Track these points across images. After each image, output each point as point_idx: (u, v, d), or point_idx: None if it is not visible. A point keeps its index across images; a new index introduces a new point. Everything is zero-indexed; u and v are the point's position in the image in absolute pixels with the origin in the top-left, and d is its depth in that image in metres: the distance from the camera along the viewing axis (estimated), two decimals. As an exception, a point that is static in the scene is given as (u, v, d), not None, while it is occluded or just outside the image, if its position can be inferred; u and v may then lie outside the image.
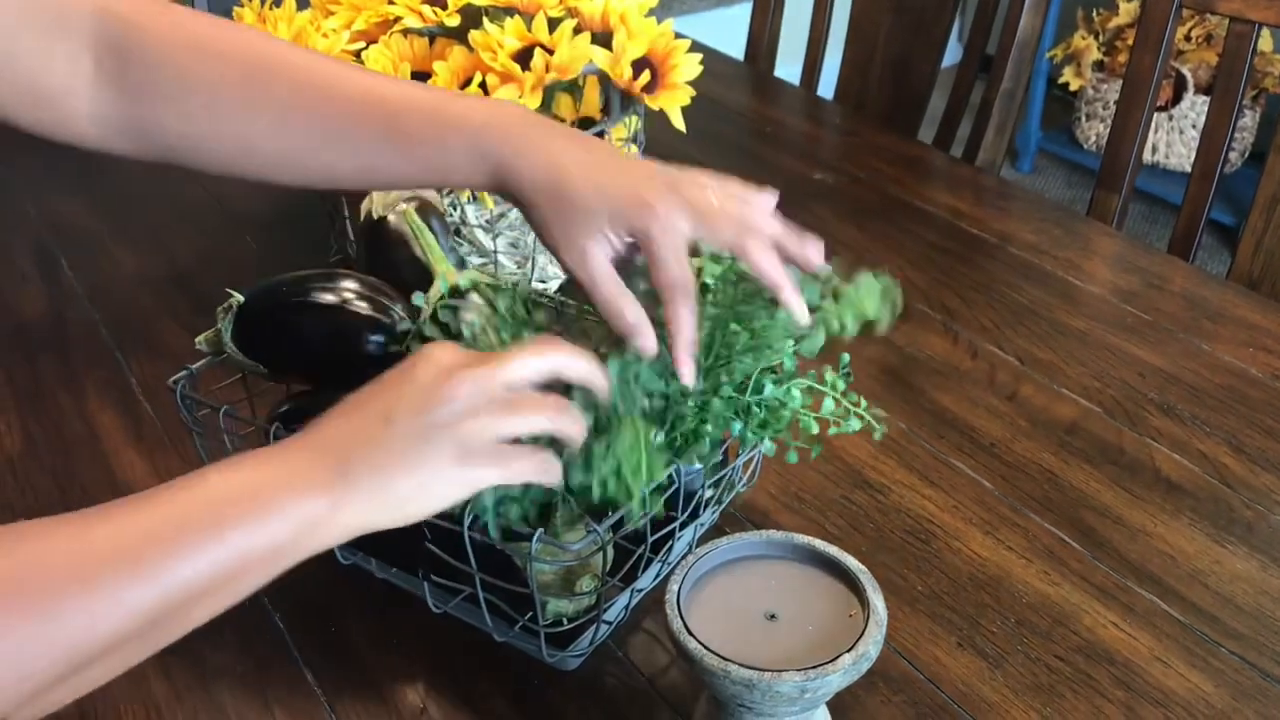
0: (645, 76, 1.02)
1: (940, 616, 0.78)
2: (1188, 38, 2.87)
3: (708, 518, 0.82)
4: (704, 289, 0.68)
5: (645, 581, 0.77)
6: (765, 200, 0.68)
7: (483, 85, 0.99)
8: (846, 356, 0.72)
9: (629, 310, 0.64)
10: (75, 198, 1.34)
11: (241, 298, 0.78)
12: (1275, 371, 1.01)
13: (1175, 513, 0.86)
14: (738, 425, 0.70)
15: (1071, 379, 1.01)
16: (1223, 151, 1.28)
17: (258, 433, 0.78)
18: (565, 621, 0.72)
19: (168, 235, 1.26)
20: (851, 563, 0.65)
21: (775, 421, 0.70)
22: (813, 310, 0.66)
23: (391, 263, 0.82)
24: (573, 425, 0.60)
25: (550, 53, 1.00)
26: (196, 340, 0.81)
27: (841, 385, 0.71)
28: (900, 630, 0.76)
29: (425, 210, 0.84)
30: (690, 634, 0.60)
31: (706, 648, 0.60)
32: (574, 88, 1.09)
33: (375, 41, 1.05)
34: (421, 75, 1.03)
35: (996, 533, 0.84)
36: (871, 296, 0.68)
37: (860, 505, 0.87)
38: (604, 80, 1.06)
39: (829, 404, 0.70)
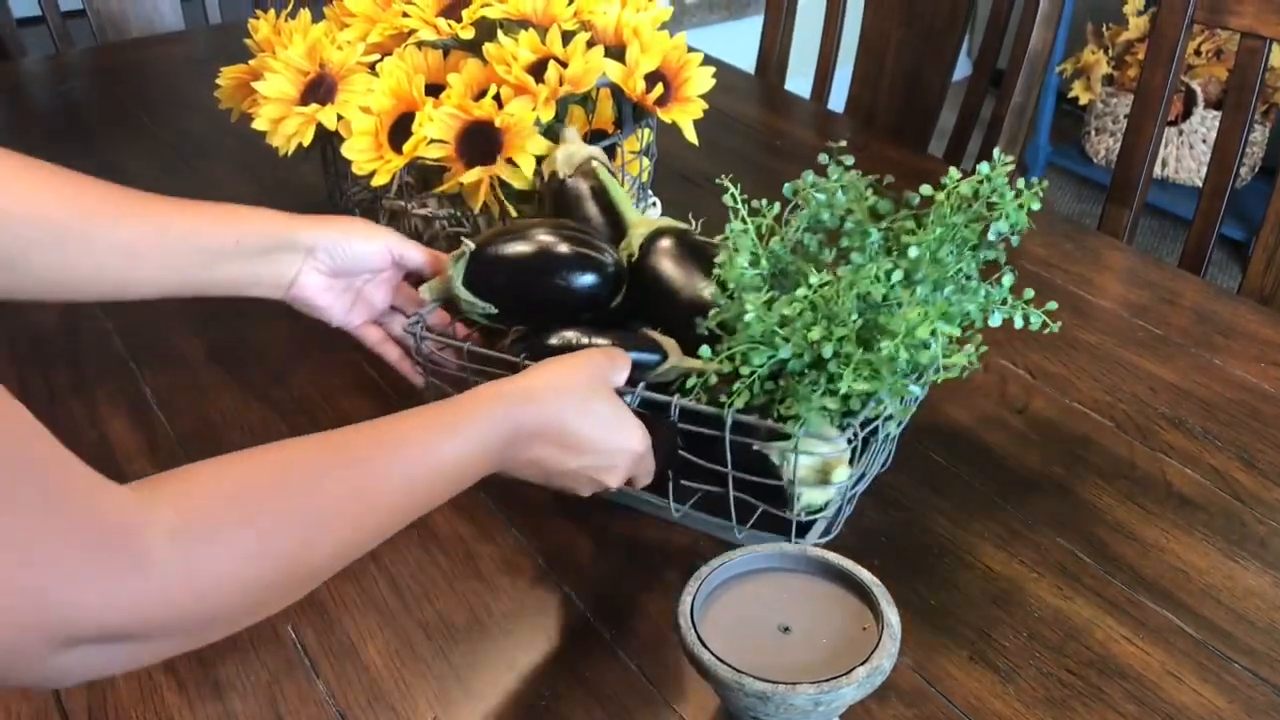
0: (658, 89, 1.03)
1: (952, 630, 0.78)
2: (1197, 52, 2.87)
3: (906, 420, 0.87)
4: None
5: (873, 470, 0.85)
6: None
7: (497, 98, 0.99)
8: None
9: None
10: (89, 207, 1.34)
11: (473, 245, 0.85)
12: (1287, 387, 1.01)
13: (1188, 528, 0.86)
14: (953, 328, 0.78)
15: (1083, 393, 1.01)
16: (1234, 167, 1.28)
17: (478, 374, 0.83)
18: (810, 513, 0.79)
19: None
20: (865, 576, 0.65)
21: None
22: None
23: (573, 218, 0.91)
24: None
25: (564, 65, 1.00)
26: (422, 289, 0.88)
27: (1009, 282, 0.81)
28: (912, 643, 0.76)
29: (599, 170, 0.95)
30: (704, 646, 0.61)
31: (720, 660, 0.60)
32: (587, 100, 1.10)
33: (390, 54, 1.05)
34: (435, 87, 1.03)
35: (1008, 546, 0.84)
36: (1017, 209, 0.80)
37: (872, 518, 0.87)
38: (617, 93, 1.07)
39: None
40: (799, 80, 1.76)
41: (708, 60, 1.10)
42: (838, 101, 1.73)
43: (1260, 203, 1.29)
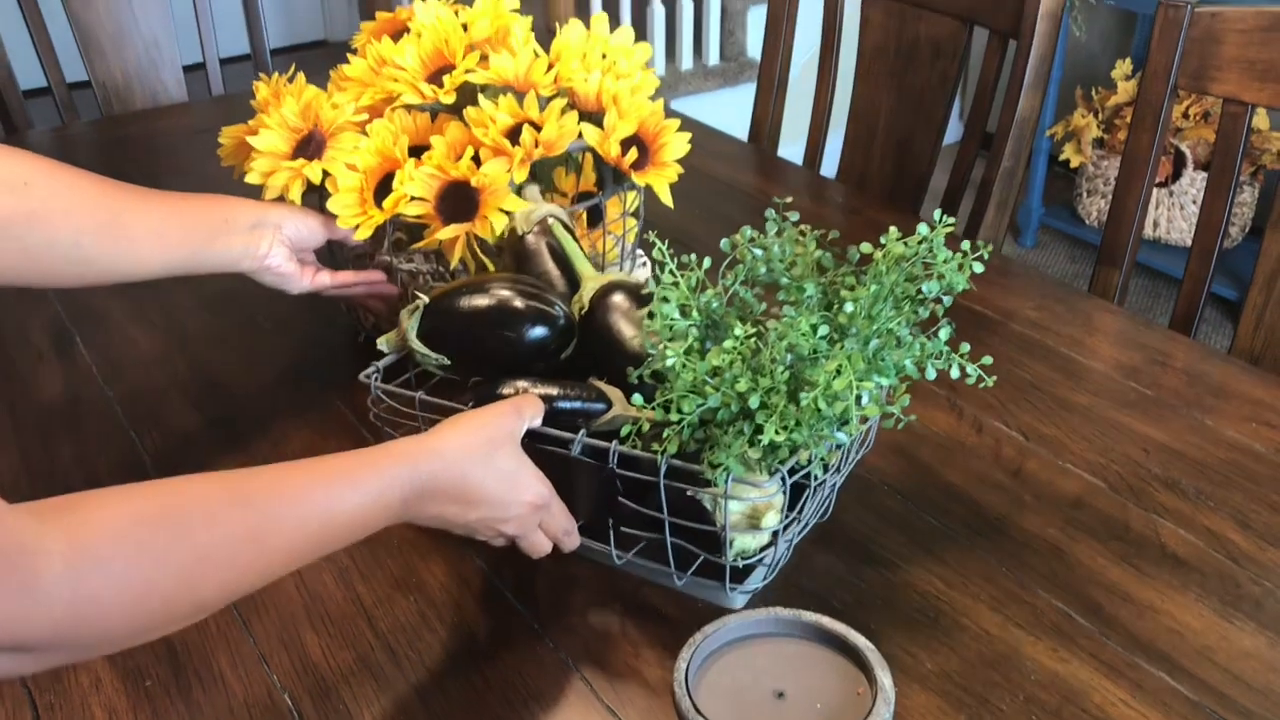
0: (633, 154, 1.05)
1: (949, 694, 0.77)
2: (1185, 115, 2.91)
3: (846, 470, 0.90)
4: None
5: (811, 518, 0.88)
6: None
7: (476, 158, 1.02)
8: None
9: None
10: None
11: (426, 299, 0.89)
12: (1279, 446, 1.02)
13: (1183, 589, 0.86)
14: (885, 380, 0.80)
15: (1076, 454, 1.01)
16: (1220, 230, 1.30)
17: (427, 423, 0.85)
18: (743, 559, 0.81)
19: (181, 314, 1.27)
20: (859, 640, 0.65)
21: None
22: None
23: (529, 274, 0.96)
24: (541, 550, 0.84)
25: (539, 129, 1.03)
26: (379, 341, 0.91)
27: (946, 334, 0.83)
28: (909, 708, 0.76)
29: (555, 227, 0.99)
30: (699, 712, 0.61)
31: (715, 726, 0.60)
32: (569, 161, 1.12)
33: (380, 115, 1.08)
34: (419, 148, 1.06)
35: (1004, 609, 0.85)
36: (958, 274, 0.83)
37: (867, 581, 0.87)
38: (597, 157, 1.09)
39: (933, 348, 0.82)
40: (792, 147, 1.78)
41: (699, 127, 1.12)
42: (829, 168, 1.75)
43: (1251, 262, 1.30)
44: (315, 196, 1.07)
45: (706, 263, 0.86)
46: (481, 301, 0.89)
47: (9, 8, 1.86)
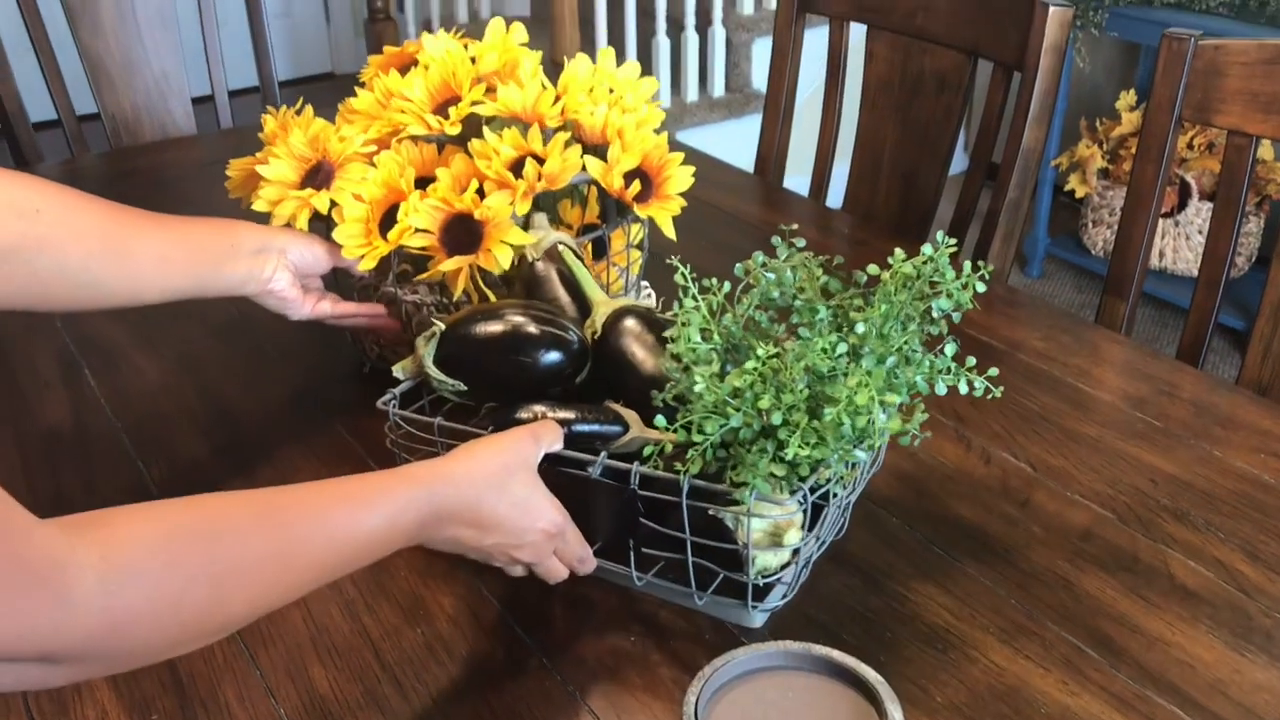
0: (636, 186, 1.06)
1: (958, 727, 0.77)
2: (1190, 145, 2.92)
3: (860, 487, 0.90)
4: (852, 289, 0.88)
5: (829, 535, 0.89)
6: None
7: (480, 191, 1.03)
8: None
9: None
10: (99, 308, 1.36)
11: (443, 326, 0.90)
12: (1288, 477, 1.01)
13: (1193, 620, 0.86)
14: (898, 396, 0.81)
15: (1084, 485, 1.01)
16: (1226, 261, 1.30)
17: (445, 449, 0.86)
18: (764, 576, 0.82)
19: (188, 343, 1.28)
20: (869, 673, 0.65)
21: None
22: None
23: (540, 300, 0.97)
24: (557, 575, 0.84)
25: (542, 162, 1.04)
26: (394, 368, 0.92)
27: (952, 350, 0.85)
28: (918, 742, 0.76)
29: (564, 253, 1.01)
30: (707, 746, 0.60)
31: (724, 760, 0.59)
32: (575, 195, 1.13)
33: (388, 147, 1.09)
34: (426, 180, 1.06)
35: (1014, 641, 0.84)
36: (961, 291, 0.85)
37: (876, 613, 0.87)
38: (602, 189, 1.10)
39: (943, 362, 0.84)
40: (797, 179, 1.79)
41: (705, 159, 1.12)
42: (835, 199, 1.76)
43: (1257, 292, 1.30)
44: (322, 225, 1.08)
45: (726, 287, 0.87)
46: (496, 328, 0.90)
47: (19, 39, 1.88)
